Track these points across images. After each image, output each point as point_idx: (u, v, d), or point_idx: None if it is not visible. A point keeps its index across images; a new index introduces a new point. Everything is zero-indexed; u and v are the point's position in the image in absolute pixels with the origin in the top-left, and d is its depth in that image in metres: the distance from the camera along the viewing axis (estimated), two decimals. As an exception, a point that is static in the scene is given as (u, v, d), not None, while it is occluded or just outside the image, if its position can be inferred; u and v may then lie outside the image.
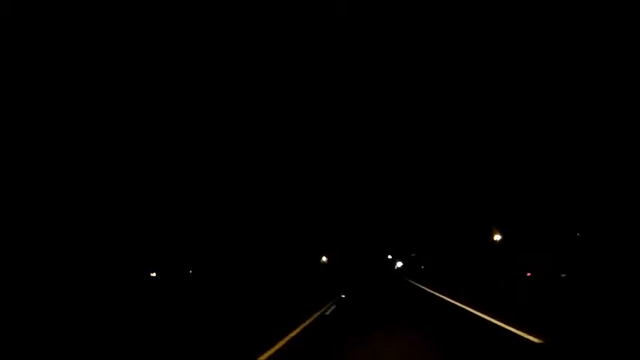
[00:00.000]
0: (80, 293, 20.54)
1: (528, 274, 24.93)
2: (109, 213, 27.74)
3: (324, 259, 65.07)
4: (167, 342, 9.59)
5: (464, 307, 13.75)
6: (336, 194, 52.19)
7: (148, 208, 30.63)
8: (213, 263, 35.52)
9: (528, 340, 7.87)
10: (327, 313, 14.15)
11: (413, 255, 77.86)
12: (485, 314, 11.42)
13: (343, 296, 21.38)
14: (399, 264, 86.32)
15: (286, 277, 36.12)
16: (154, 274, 33.78)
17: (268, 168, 38.33)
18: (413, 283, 36.23)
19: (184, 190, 33.01)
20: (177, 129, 31.81)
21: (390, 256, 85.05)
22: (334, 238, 61.03)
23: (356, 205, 58.77)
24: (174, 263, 34.08)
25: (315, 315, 13.12)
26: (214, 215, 34.91)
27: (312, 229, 49.30)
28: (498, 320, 10.17)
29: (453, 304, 15.07)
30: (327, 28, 28.56)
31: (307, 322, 11.34)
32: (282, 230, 41.70)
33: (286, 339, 8.88)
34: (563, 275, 22.15)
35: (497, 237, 32.18)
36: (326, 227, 54.83)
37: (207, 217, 34.45)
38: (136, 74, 28.43)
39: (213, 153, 34.28)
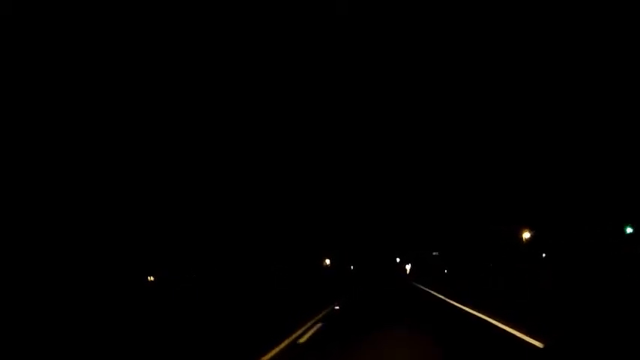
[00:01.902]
0: (70, 296, 20.30)
1: None
2: (106, 214, 27.67)
3: (327, 261, 62.20)
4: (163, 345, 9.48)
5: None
6: (339, 191, 50.87)
7: (146, 209, 30.56)
8: (212, 266, 35.12)
9: None
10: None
11: (435, 254, 62.93)
12: None
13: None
14: (408, 267, 74.42)
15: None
16: (151, 278, 33.55)
17: (269, 168, 38.21)
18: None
19: (183, 190, 32.90)
20: (176, 130, 31.79)
21: (398, 259, 72.70)
22: (336, 237, 58.20)
23: (359, 202, 56.82)
24: (171, 265, 33.80)
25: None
26: (213, 216, 34.74)
27: (310, 226, 47.41)
28: None
29: None
30: (327, 28, 28.56)
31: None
32: (273, 233, 40.13)
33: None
34: None
35: (526, 235, 29.02)
36: (326, 225, 52.16)
37: (206, 217, 34.26)
38: (135, 74, 28.48)
39: (213, 152, 34.19)
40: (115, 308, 17.57)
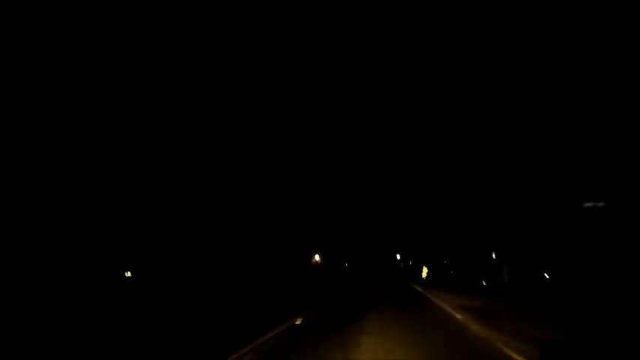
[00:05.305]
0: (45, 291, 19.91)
1: None
2: (87, 207, 27.25)
3: (316, 257, 59.48)
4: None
5: None
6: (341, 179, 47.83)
7: (133, 204, 30.20)
8: (186, 262, 34.28)
9: None
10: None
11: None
12: None
13: None
14: (425, 270, 52.09)
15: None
16: (128, 274, 33.17)
17: (260, 160, 37.75)
18: None
19: (166, 184, 32.45)
20: (163, 126, 31.40)
21: (398, 256, 57.57)
22: (329, 233, 53.79)
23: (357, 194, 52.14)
24: (151, 262, 33.22)
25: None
26: (197, 209, 34.21)
27: (300, 216, 44.60)
28: None
29: None
30: (327, 28, 28.72)
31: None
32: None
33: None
34: None
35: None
36: (319, 215, 48.17)
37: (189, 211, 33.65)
38: (135, 73, 28.32)
39: (204, 151, 33.86)
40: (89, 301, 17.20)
